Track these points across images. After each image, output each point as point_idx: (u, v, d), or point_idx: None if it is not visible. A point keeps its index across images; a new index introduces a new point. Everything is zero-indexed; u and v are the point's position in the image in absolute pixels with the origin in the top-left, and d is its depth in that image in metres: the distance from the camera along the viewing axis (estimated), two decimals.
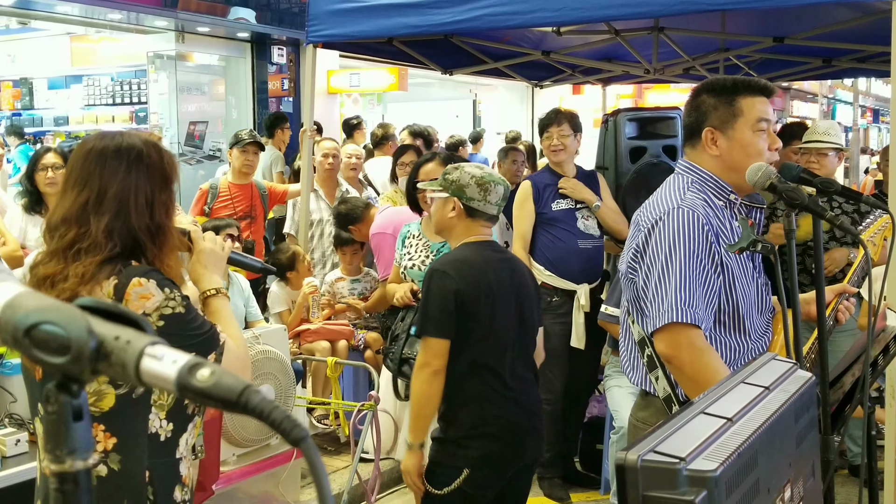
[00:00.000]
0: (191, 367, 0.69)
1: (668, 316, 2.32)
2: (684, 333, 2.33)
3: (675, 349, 2.34)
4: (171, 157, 2.17)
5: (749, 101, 2.47)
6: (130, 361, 0.69)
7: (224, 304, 2.22)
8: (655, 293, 2.37)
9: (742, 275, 2.45)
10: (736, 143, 2.47)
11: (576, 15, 4.73)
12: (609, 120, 5.65)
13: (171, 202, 2.15)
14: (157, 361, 0.70)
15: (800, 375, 1.46)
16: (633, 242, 2.50)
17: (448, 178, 3.16)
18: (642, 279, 2.43)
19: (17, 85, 12.38)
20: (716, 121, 2.49)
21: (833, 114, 25.09)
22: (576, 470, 5.23)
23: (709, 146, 2.50)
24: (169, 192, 2.13)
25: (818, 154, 4.80)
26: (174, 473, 2.04)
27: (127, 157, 2.05)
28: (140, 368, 0.70)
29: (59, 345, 0.68)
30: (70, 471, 0.70)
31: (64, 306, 0.71)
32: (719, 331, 2.44)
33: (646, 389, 2.59)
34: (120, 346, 0.70)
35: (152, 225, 2.06)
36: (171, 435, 2.04)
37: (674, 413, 1.26)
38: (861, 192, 5.80)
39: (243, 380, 0.71)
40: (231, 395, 0.69)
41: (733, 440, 1.14)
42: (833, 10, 5.30)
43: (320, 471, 0.68)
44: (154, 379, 0.69)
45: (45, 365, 0.69)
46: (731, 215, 2.49)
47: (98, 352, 0.69)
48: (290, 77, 11.20)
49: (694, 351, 2.33)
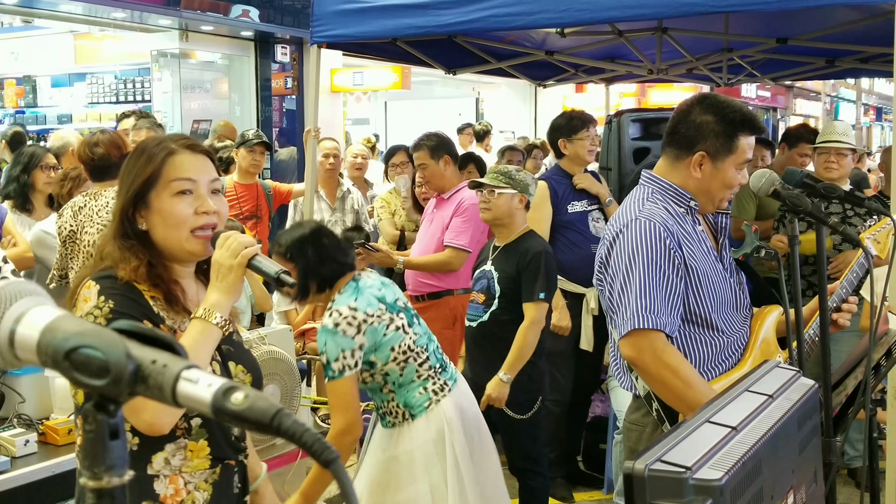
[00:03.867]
0: (225, 391, 0.72)
1: (631, 323, 2.43)
2: (646, 338, 2.43)
3: (638, 353, 2.45)
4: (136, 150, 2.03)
5: (745, 141, 2.53)
6: (167, 385, 0.72)
7: (199, 333, 1.86)
8: (619, 302, 2.48)
9: (710, 275, 2.53)
10: (719, 176, 2.54)
11: (580, 16, 4.74)
12: (613, 120, 5.68)
13: (148, 202, 1.95)
14: (192, 385, 0.72)
15: (803, 383, 1.49)
16: (599, 255, 2.61)
17: (515, 177, 4.00)
18: (608, 290, 2.55)
19: (20, 82, 12.39)
20: (711, 148, 2.53)
21: (836, 112, 25.10)
22: (579, 469, 5.26)
23: (694, 168, 2.55)
24: (128, 185, 1.97)
25: (837, 154, 4.81)
26: (143, 489, 1.91)
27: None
28: (177, 391, 0.72)
29: (99, 368, 0.71)
30: (107, 487, 0.72)
31: (103, 331, 0.73)
32: (691, 329, 2.54)
33: (630, 390, 2.66)
34: (157, 370, 0.72)
35: (120, 228, 1.97)
36: (136, 449, 1.91)
37: (680, 422, 1.28)
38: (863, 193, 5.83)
39: (275, 403, 0.73)
40: (264, 418, 0.71)
41: (738, 449, 1.17)
42: (836, 12, 5.32)
43: (349, 490, 0.70)
44: (190, 401, 0.72)
45: (85, 387, 0.72)
46: (693, 221, 2.58)
47: (136, 375, 0.72)
48: (294, 76, 11.22)
49: (655, 353, 2.43)
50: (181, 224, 1.93)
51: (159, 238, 1.96)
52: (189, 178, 1.95)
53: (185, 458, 1.94)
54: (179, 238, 1.94)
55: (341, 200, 6.24)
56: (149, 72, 10.76)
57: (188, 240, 1.94)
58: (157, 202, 1.94)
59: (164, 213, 1.94)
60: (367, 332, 3.08)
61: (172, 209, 1.93)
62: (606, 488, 4.95)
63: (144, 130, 5.55)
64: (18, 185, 4.89)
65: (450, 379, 3.32)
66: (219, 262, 1.89)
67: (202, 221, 1.94)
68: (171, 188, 1.94)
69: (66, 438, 3.08)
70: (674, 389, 2.42)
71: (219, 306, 1.87)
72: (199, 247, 1.95)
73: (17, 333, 0.78)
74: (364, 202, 6.53)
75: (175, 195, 1.94)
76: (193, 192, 1.95)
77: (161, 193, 1.94)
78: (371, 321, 3.08)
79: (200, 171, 1.98)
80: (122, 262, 1.92)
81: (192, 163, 1.97)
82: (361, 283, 3.17)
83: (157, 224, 1.95)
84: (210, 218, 1.95)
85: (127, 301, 1.88)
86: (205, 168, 2.00)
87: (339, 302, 3.10)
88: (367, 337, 3.09)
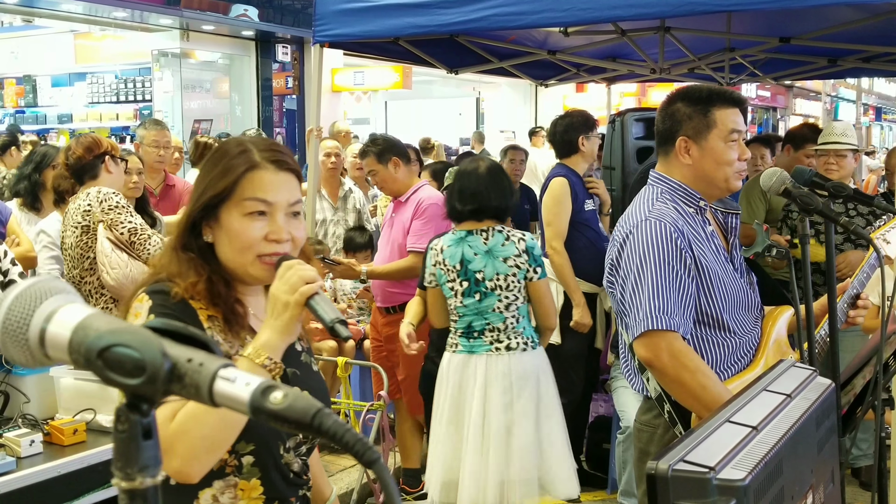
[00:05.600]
0: (264, 390, 0.71)
1: (645, 324, 2.42)
2: (662, 339, 2.42)
3: (654, 354, 2.43)
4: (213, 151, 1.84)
5: (723, 112, 2.52)
6: (204, 383, 0.71)
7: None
8: (631, 303, 2.47)
9: (721, 276, 2.52)
10: (708, 153, 2.53)
11: (583, 15, 4.72)
12: (616, 120, 5.67)
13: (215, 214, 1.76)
14: (230, 384, 0.71)
15: (820, 382, 1.48)
16: (609, 257, 2.60)
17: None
18: (619, 291, 2.54)
19: (20, 82, 12.40)
20: (690, 130, 2.54)
21: (836, 112, 25.10)
22: (582, 469, 5.25)
23: (682, 154, 2.56)
24: (198, 194, 1.78)
25: (836, 156, 4.80)
26: None
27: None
28: (213, 390, 0.71)
29: (134, 366, 0.70)
30: (140, 488, 0.71)
31: (136, 329, 0.72)
32: (703, 330, 2.53)
33: (641, 391, 2.65)
34: (193, 369, 0.71)
35: (182, 238, 1.79)
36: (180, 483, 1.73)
37: (700, 423, 1.28)
38: (864, 190, 5.82)
39: (316, 402, 0.71)
40: (305, 417, 0.70)
41: (760, 448, 1.16)
42: (838, 11, 5.32)
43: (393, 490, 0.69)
44: (228, 401, 0.71)
45: (119, 385, 0.71)
46: (702, 221, 2.57)
47: (172, 373, 0.71)
48: (295, 75, 11.21)
49: (672, 354, 2.41)
50: (248, 248, 1.74)
51: (223, 256, 1.78)
52: (265, 200, 1.74)
53: (234, 496, 1.77)
54: (244, 262, 1.75)
55: (343, 200, 6.24)
56: (149, 71, 10.77)
57: (252, 264, 1.75)
58: (226, 218, 1.75)
59: (231, 233, 1.75)
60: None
61: (241, 230, 1.74)
62: (610, 488, 4.94)
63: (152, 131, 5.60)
64: (29, 183, 4.90)
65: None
66: (275, 295, 1.65)
67: (271, 249, 1.74)
68: (243, 207, 1.74)
69: (72, 439, 3.06)
70: (692, 390, 2.41)
71: (269, 347, 1.63)
72: (263, 273, 1.75)
73: (47, 332, 0.77)
74: (366, 202, 6.52)
75: (246, 215, 1.74)
76: (268, 214, 1.74)
77: (232, 210, 1.75)
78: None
79: (280, 191, 1.76)
80: (179, 276, 1.75)
81: (272, 181, 1.75)
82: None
83: (223, 241, 1.77)
84: (281, 247, 1.75)
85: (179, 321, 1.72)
86: (287, 188, 1.78)
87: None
88: None
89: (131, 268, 3.86)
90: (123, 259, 3.89)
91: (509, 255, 3.77)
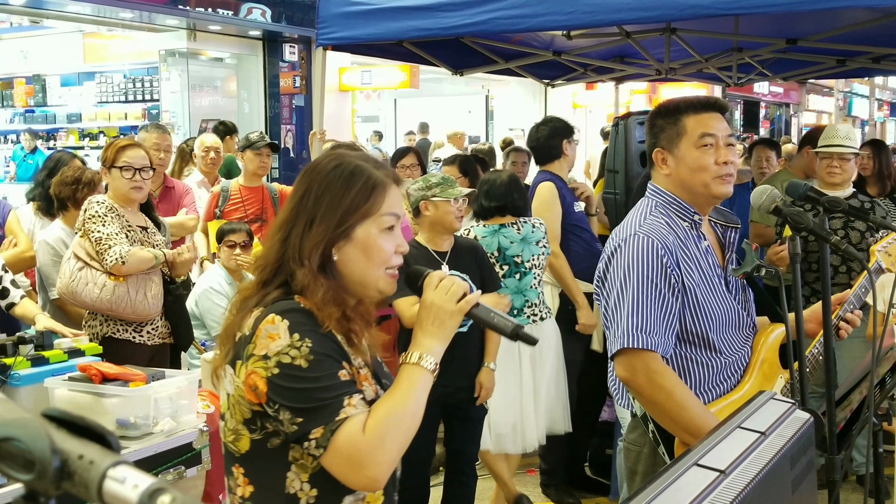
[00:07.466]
0: (152, 493, 0.68)
1: (622, 341, 2.39)
2: (639, 358, 2.38)
3: (630, 373, 2.40)
4: (350, 168, 1.84)
5: (692, 119, 2.54)
6: (93, 483, 0.68)
7: (416, 380, 1.75)
8: (612, 318, 2.45)
9: (709, 295, 2.49)
10: (681, 161, 2.54)
11: (586, 18, 4.68)
12: (619, 123, 5.62)
13: (346, 225, 1.81)
14: (118, 484, 0.69)
15: (798, 417, 1.45)
16: (599, 267, 2.59)
17: (414, 194, 4.07)
18: (604, 304, 2.53)
19: (29, 82, 12.45)
20: (664, 141, 2.58)
21: (850, 107, 24.91)
22: (586, 475, 5.22)
23: (660, 166, 2.59)
24: (341, 214, 1.80)
25: (840, 159, 4.76)
26: None
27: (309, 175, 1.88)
28: (102, 490, 0.69)
29: (26, 461, 0.68)
30: None
31: (32, 420, 0.70)
32: (689, 349, 2.49)
33: (628, 408, 2.63)
34: (83, 466, 0.69)
35: (304, 251, 1.79)
36: (313, 502, 1.77)
37: (668, 464, 1.25)
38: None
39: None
40: None
41: (725, 495, 1.14)
42: (846, 12, 5.26)
43: None
44: (116, 502, 0.69)
45: (14, 480, 0.69)
46: (697, 236, 2.54)
47: (62, 471, 0.69)
48: (302, 74, 11.21)
49: (648, 374, 2.38)
50: (385, 262, 1.83)
51: (352, 271, 1.82)
52: (397, 215, 1.85)
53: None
54: (378, 276, 1.82)
55: None
56: (157, 71, 10.78)
57: (382, 278, 1.83)
58: (363, 235, 1.81)
59: (370, 248, 1.81)
60: None
61: (382, 245, 1.81)
62: (612, 494, 4.91)
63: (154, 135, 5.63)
64: (44, 189, 4.93)
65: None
66: (436, 304, 1.77)
67: (398, 262, 1.85)
68: (381, 222, 1.82)
69: None
70: (668, 412, 2.37)
71: (432, 351, 1.77)
72: (390, 286, 1.85)
73: None
74: None
75: (383, 230, 1.82)
76: (394, 227, 1.85)
77: (370, 227, 1.81)
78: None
79: (403, 205, 1.89)
80: (322, 307, 1.76)
81: (398, 196, 1.87)
82: None
83: (356, 258, 1.82)
84: (400, 258, 1.86)
85: (323, 340, 1.74)
86: (402, 202, 1.90)
87: None
88: None
89: (77, 280, 3.92)
90: (72, 270, 3.95)
91: (539, 239, 4.46)
